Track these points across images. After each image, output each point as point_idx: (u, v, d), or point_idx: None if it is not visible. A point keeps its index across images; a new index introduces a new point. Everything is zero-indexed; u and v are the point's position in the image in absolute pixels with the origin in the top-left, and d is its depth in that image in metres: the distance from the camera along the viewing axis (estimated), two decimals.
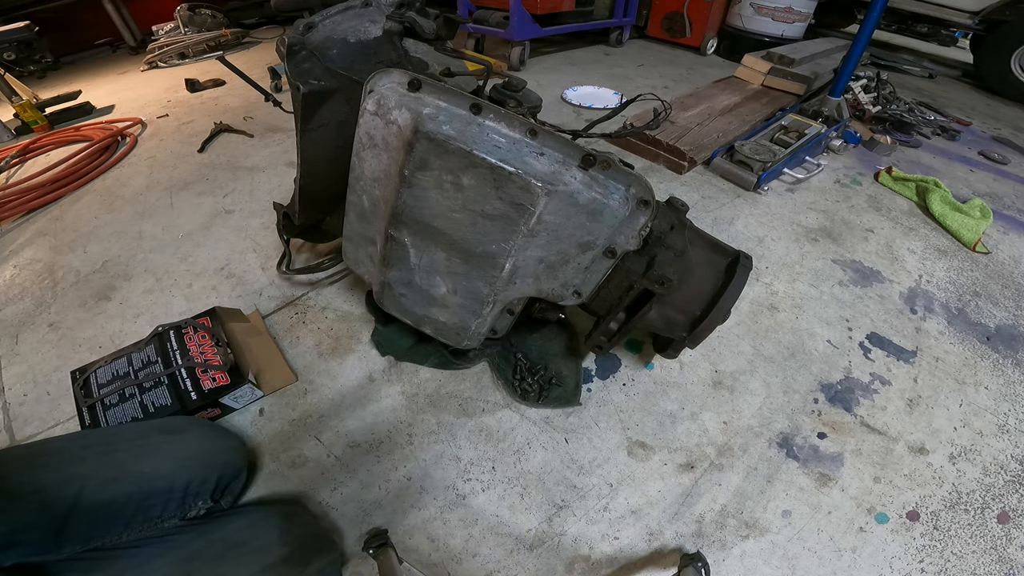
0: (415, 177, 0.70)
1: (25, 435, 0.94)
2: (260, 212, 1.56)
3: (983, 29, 3.09)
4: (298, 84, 0.81)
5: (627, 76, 2.88)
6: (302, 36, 0.82)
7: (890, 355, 1.17)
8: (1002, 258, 1.52)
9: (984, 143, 2.32)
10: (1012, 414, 1.05)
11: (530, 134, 0.66)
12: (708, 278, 0.85)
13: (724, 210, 1.65)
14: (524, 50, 2.82)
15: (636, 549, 0.81)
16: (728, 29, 3.35)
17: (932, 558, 0.82)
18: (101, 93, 2.71)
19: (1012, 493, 0.91)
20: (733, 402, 1.04)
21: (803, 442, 0.98)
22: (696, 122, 2.07)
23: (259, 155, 1.91)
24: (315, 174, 0.94)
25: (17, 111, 2.20)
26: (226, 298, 1.24)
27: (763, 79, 2.55)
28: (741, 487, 0.90)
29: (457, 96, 0.67)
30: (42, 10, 3.47)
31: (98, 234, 1.50)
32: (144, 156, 1.96)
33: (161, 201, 1.65)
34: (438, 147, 0.66)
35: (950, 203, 1.67)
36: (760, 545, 0.82)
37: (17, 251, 1.45)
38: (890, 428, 1.01)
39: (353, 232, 0.92)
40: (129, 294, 1.27)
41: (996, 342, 1.22)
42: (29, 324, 1.19)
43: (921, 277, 1.42)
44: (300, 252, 1.39)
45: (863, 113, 2.34)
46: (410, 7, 0.91)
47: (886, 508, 0.88)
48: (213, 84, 2.66)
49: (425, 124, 0.66)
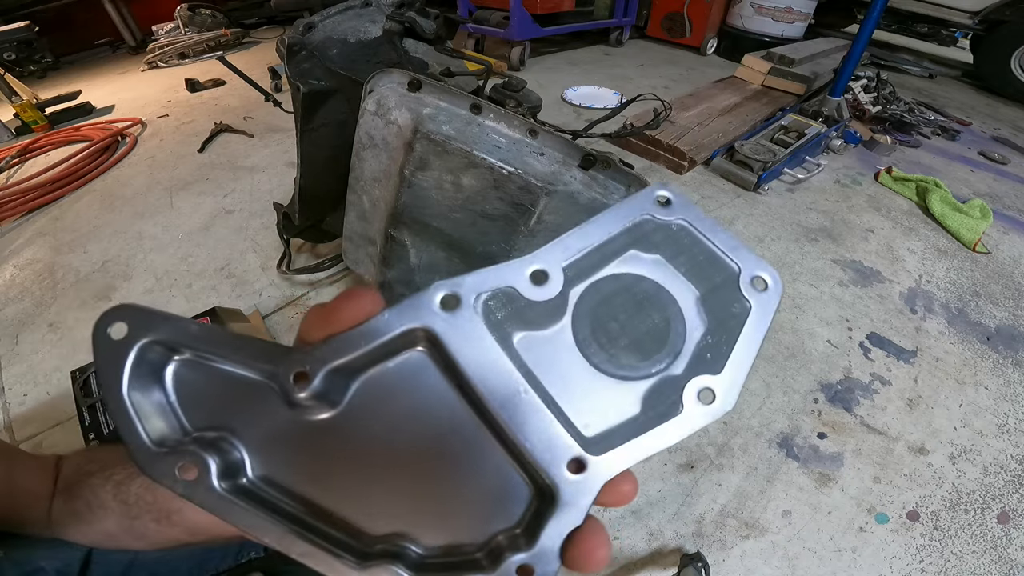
0: (415, 177, 0.70)
1: (25, 435, 0.94)
2: (260, 212, 1.56)
3: (983, 29, 3.09)
4: (298, 84, 0.81)
5: (627, 76, 2.88)
6: (302, 36, 0.82)
7: (890, 355, 1.17)
8: (1002, 258, 1.52)
9: (984, 143, 2.32)
10: (1012, 414, 1.05)
11: (530, 134, 0.66)
12: None
13: (724, 210, 1.65)
14: (524, 50, 2.82)
15: (636, 549, 0.81)
16: (728, 29, 3.35)
17: (932, 558, 0.82)
18: (101, 93, 2.71)
19: (1012, 493, 0.91)
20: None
21: (803, 442, 0.98)
22: (696, 122, 2.07)
23: (259, 155, 1.91)
24: (315, 174, 0.94)
25: (17, 111, 2.20)
26: (226, 298, 1.24)
27: (763, 79, 2.55)
28: (741, 487, 0.90)
29: (457, 96, 0.67)
30: (42, 10, 3.47)
31: (98, 234, 1.50)
32: (144, 156, 1.96)
33: (161, 201, 1.65)
34: (438, 147, 0.66)
35: (950, 203, 1.67)
36: (760, 545, 0.82)
37: (17, 251, 1.45)
38: (890, 428, 1.01)
39: (353, 232, 0.92)
40: (129, 294, 1.27)
41: (996, 342, 1.22)
42: (29, 324, 1.19)
43: (921, 277, 1.42)
44: (300, 252, 1.39)
45: (863, 113, 2.33)
46: (410, 7, 0.91)
47: (886, 508, 0.88)
48: (213, 84, 2.66)
49: (425, 124, 0.66)
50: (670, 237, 0.21)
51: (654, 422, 0.20)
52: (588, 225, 0.20)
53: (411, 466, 0.21)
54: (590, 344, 0.20)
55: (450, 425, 0.20)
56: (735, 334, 0.21)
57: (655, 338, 0.20)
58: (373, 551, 0.20)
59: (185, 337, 0.20)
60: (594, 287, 0.20)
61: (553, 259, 0.20)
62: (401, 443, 0.20)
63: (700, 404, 0.20)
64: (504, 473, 0.20)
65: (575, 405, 0.20)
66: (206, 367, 0.20)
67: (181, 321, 0.19)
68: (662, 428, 0.19)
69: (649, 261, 0.21)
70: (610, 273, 0.20)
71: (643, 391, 0.20)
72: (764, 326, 0.21)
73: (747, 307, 0.21)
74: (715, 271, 0.21)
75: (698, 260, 0.21)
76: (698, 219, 0.21)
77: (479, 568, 0.19)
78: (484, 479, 0.21)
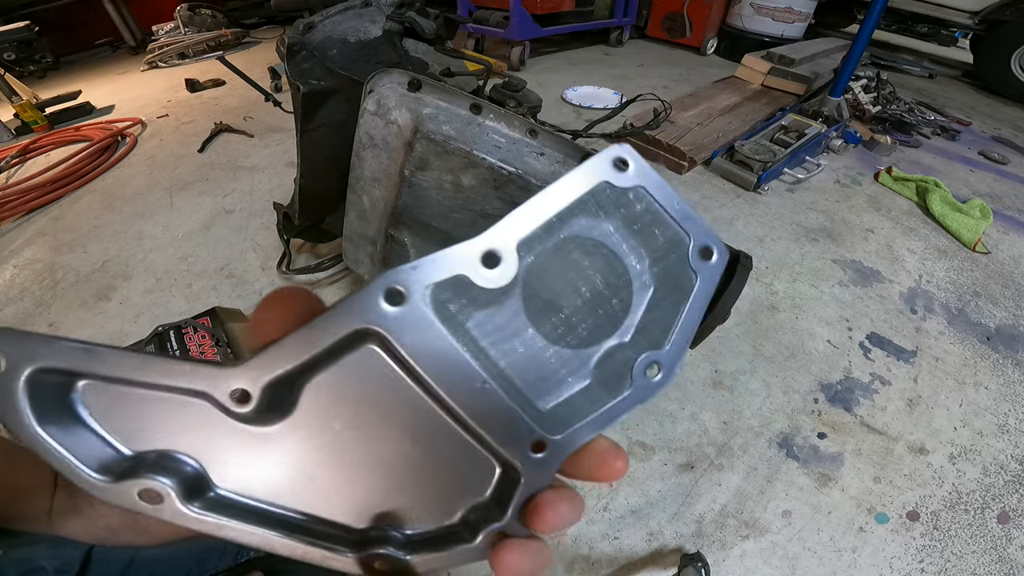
0: (415, 177, 0.70)
1: None
2: (260, 212, 1.56)
3: (983, 29, 3.09)
4: (298, 84, 0.81)
5: (627, 76, 2.88)
6: (302, 36, 0.82)
7: (890, 355, 1.17)
8: (1002, 258, 1.52)
9: (984, 143, 2.32)
10: (1012, 414, 1.05)
11: (530, 134, 0.66)
12: None
13: (724, 210, 1.65)
14: (524, 50, 2.82)
15: (636, 549, 0.81)
16: (728, 29, 3.35)
17: (932, 558, 0.82)
18: (101, 93, 2.71)
19: (1012, 493, 0.91)
20: (733, 402, 1.04)
21: (803, 442, 0.98)
22: (696, 122, 2.07)
23: (259, 155, 1.91)
24: (315, 174, 0.94)
25: (17, 111, 2.20)
26: (226, 298, 1.24)
27: (763, 79, 2.55)
28: (741, 487, 0.90)
29: (457, 96, 0.67)
30: (42, 10, 3.47)
31: (98, 234, 1.50)
32: (144, 156, 1.96)
33: (161, 201, 1.65)
34: (438, 147, 0.66)
35: (950, 203, 1.67)
36: (760, 545, 0.82)
37: (17, 251, 1.45)
38: (890, 428, 1.01)
39: (353, 232, 0.92)
40: (129, 294, 1.27)
41: (996, 342, 1.22)
42: (29, 324, 1.19)
43: (921, 277, 1.42)
44: (300, 252, 1.39)
45: (863, 113, 2.34)
46: (410, 7, 0.91)
47: (886, 508, 0.88)
48: (213, 84, 2.66)
49: (425, 124, 0.66)
50: (625, 204, 0.20)
51: (606, 397, 0.21)
52: (544, 196, 0.18)
53: (378, 457, 0.21)
54: (542, 316, 0.20)
55: (412, 414, 0.20)
56: (681, 305, 0.21)
57: (604, 308, 0.20)
58: (363, 538, 0.21)
59: (77, 361, 0.17)
60: (545, 257, 0.19)
61: (506, 237, 0.18)
62: (364, 437, 0.20)
63: (647, 378, 0.21)
64: (470, 453, 0.21)
65: (530, 379, 0.20)
66: (121, 391, 0.18)
67: (65, 343, 0.17)
68: (616, 404, 0.21)
69: (602, 228, 0.20)
70: (562, 241, 0.19)
71: (594, 360, 0.20)
72: (707, 297, 0.21)
73: (693, 278, 0.21)
74: (666, 240, 0.20)
75: (650, 229, 0.20)
76: (655, 186, 0.20)
77: (461, 540, 0.21)
78: (452, 460, 0.21)
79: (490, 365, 0.19)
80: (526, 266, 0.19)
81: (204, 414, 0.19)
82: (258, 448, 0.20)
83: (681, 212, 0.20)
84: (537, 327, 0.20)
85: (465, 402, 0.20)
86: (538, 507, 0.21)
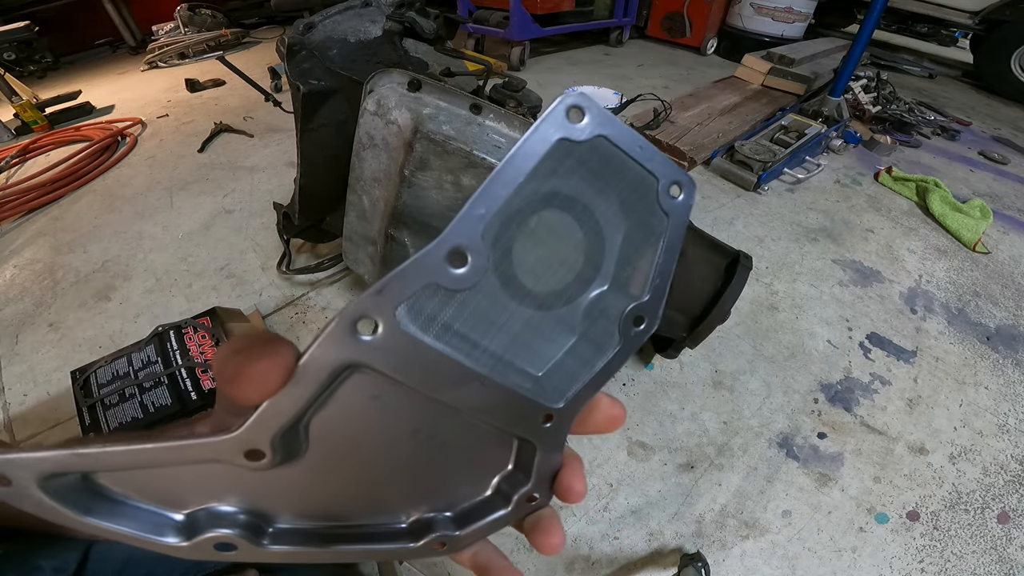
0: (415, 177, 0.70)
1: (25, 435, 0.94)
2: (260, 212, 1.56)
3: (983, 29, 3.09)
4: (298, 84, 0.81)
5: (627, 76, 2.88)
6: (302, 36, 0.82)
7: (890, 355, 1.17)
8: (1002, 258, 1.52)
9: (984, 143, 2.32)
10: (1012, 414, 1.05)
11: None
12: (708, 278, 0.85)
13: (724, 210, 1.65)
14: (524, 50, 2.82)
15: (636, 549, 0.81)
16: (728, 29, 3.35)
17: (932, 558, 0.82)
18: (101, 93, 2.71)
19: (1012, 493, 0.91)
20: (733, 402, 1.04)
21: (803, 442, 0.98)
22: (696, 122, 2.07)
23: (259, 155, 1.91)
24: (315, 174, 0.94)
25: (17, 111, 2.20)
26: (226, 298, 1.24)
27: (763, 79, 2.55)
28: (741, 487, 0.90)
29: (457, 96, 0.67)
30: (42, 10, 3.47)
31: (98, 234, 1.50)
32: (144, 156, 1.96)
33: (161, 201, 1.65)
34: (438, 147, 0.66)
35: (950, 203, 1.67)
36: (760, 545, 0.82)
37: (17, 251, 1.45)
38: (890, 428, 1.01)
39: (353, 232, 0.92)
40: (129, 294, 1.27)
41: (996, 342, 1.22)
42: (29, 324, 1.19)
43: (921, 277, 1.42)
44: (300, 252, 1.39)
45: (863, 113, 2.34)
46: (410, 7, 0.91)
47: (886, 508, 0.88)
48: (213, 84, 2.66)
49: (425, 124, 0.66)
50: (586, 158, 0.18)
51: (598, 354, 0.21)
52: (499, 173, 0.17)
53: (404, 460, 0.22)
54: (522, 289, 0.19)
55: (421, 417, 0.21)
56: (656, 248, 0.20)
57: (582, 262, 0.20)
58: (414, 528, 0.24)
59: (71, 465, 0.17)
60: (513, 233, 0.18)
61: (469, 228, 0.17)
62: (382, 448, 0.21)
63: (631, 329, 0.21)
64: (485, 436, 0.23)
65: (525, 353, 0.20)
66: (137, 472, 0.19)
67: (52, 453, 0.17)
68: (610, 360, 0.21)
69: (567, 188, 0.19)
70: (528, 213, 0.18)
71: (577, 316, 0.20)
72: (680, 235, 0.20)
73: (664, 219, 0.20)
74: (633, 184, 0.19)
75: (616, 176, 0.19)
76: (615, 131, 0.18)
77: (497, 507, 0.24)
78: (471, 446, 0.23)
79: (484, 355, 0.19)
80: (496, 249, 0.18)
81: (227, 471, 0.19)
82: (290, 484, 0.21)
83: (644, 153, 0.19)
84: (521, 300, 0.19)
85: (467, 403, 0.20)
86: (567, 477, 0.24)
